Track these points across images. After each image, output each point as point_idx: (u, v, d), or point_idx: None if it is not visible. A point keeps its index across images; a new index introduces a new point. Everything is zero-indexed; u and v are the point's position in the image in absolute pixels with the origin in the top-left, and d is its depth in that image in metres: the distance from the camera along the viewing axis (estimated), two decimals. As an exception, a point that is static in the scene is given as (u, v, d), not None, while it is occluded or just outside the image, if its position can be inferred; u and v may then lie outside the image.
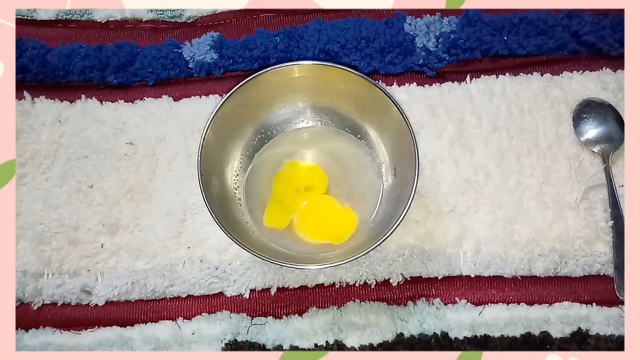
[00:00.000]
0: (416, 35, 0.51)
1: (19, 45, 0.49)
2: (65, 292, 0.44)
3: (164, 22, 0.53)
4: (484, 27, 0.50)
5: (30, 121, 0.49)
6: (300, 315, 0.44)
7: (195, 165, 0.39)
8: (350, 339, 0.42)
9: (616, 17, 0.50)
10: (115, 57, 0.50)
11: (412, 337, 0.42)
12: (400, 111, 0.40)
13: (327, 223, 0.44)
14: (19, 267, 0.44)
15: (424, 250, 0.44)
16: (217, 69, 0.50)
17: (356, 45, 0.50)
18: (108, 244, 0.45)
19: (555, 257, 0.44)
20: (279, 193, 0.45)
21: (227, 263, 0.45)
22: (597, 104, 0.48)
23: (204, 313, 0.44)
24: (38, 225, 0.45)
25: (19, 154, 0.47)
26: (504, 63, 0.51)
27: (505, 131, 0.48)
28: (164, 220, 0.46)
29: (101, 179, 0.47)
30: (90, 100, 0.50)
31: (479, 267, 0.44)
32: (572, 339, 0.42)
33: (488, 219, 0.45)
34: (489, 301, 0.44)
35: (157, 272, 0.44)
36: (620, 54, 0.50)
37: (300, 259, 0.42)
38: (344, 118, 0.46)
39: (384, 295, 0.44)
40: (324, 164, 0.46)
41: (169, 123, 0.49)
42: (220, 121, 0.41)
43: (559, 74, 0.50)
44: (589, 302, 0.43)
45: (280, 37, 0.50)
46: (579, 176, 0.46)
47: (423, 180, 0.46)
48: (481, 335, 0.42)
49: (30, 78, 0.50)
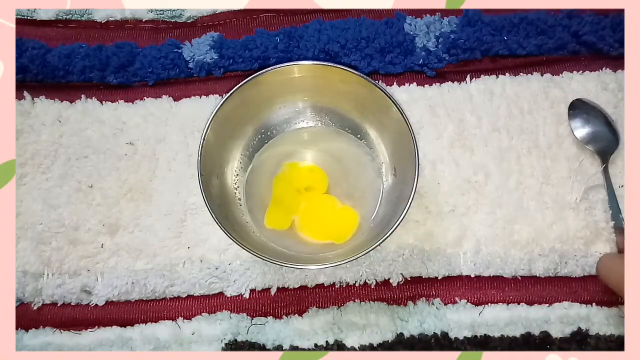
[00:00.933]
0: (416, 35, 0.51)
1: (19, 45, 0.49)
2: (65, 292, 0.44)
3: (164, 22, 0.53)
4: (484, 27, 0.50)
5: (30, 121, 0.49)
6: (300, 315, 0.44)
7: (195, 165, 0.39)
8: (350, 339, 0.42)
9: (616, 17, 0.50)
10: (115, 57, 0.50)
11: (412, 337, 0.42)
12: (400, 111, 0.40)
13: (329, 223, 0.44)
14: (19, 267, 0.44)
15: (424, 250, 0.44)
16: (217, 69, 0.50)
17: (356, 45, 0.50)
18: (108, 244, 0.45)
19: (555, 257, 0.44)
20: (280, 194, 0.45)
21: (227, 263, 0.45)
22: (585, 104, 0.48)
23: (204, 313, 0.44)
24: (38, 225, 0.45)
25: (19, 154, 0.47)
26: (504, 63, 0.51)
27: (505, 131, 0.48)
28: (164, 220, 0.46)
29: (101, 179, 0.47)
30: (90, 100, 0.50)
31: (479, 267, 0.44)
32: (572, 339, 0.42)
33: (488, 219, 0.45)
34: (489, 301, 0.44)
35: (157, 272, 0.44)
36: (620, 54, 0.50)
37: (300, 259, 0.42)
38: (344, 118, 0.46)
39: (384, 295, 0.44)
40: (324, 164, 0.46)
41: (169, 123, 0.49)
42: (220, 121, 0.41)
43: (559, 74, 0.50)
44: (589, 302, 0.43)
45: (280, 37, 0.50)
46: (579, 176, 0.46)
47: (423, 180, 0.46)
48: (481, 335, 0.42)
49: (30, 78, 0.50)
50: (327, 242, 0.43)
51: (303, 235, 0.44)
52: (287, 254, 0.42)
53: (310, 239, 0.44)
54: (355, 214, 0.44)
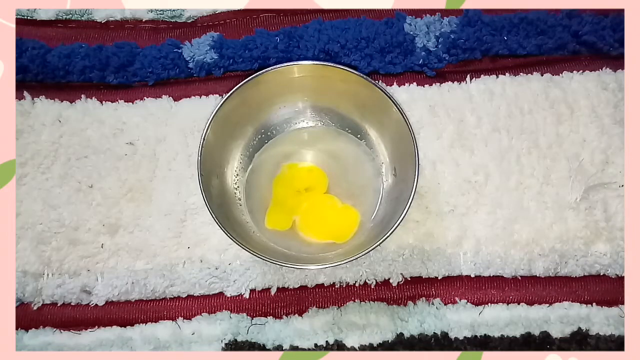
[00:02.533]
0: (416, 35, 0.51)
1: (19, 45, 0.49)
2: (65, 292, 0.44)
3: (164, 22, 0.53)
4: (484, 27, 0.50)
5: (30, 121, 0.49)
6: (300, 315, 0.44)
7: (195, 165, 0.39)
8: (350, 339, 0.42)
9: (616, 17, 0.50)
10: (115, 57, 0.50)
11: (412, 337, 0.42)
12: (400, 111, 0.40)
13: (330, 222, 0.44)
14: (19, 267, 0.44)
15: (424, 250, 0.44)
16: (217, 69, 0.50)
17: (356, 45, 0.50)
18: (108, 244, 0.45)
19: (555, 257, 0.44)
20: (280, 195, 0.45)
21: (227, 263, 0.45)
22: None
23: (204, 313, 0.44)
24: (38, 225, 0.45)
25: (19, 154, 0.47)
26: (504, 63, 0.51)
27: (505, 131, 0.48)
28: (164, 220, 0.46)
29: (101, 179, 0.47)
30: (90, 100, 0.50)
31: (479, 267, 0.44)
32: (572, 339, 0.42)
33: (488, 219, 0.45)
34: (489, 301, 0.44)
35: (157, 272, 0.44)
36: (620, 54, 0.50)
37: (300, 259, 0.42)
38: (344, 118, 0.46)
39: (384, 295, 0.44)
40: (324, 164, 0.46)
41: (169, 123, 0.49)
42: (220, 121, 0.41)
43: (559, 74, 0.50)
44: (589, 302, 0.43)
45: (280, 37, 0.50)
46: (579, 176, 0.46)
47: (423, 180, 0.46)
48: (481, 335, 0.42)
49: (30, 78, 0.50)
50: (328, 241, 0.43)
51: (304, 236, 0.44)
52: (287, 254, 0.42)
53: (311, 239, 0.44)
54: (356, 212, 0.44)
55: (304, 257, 0.42)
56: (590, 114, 0.48)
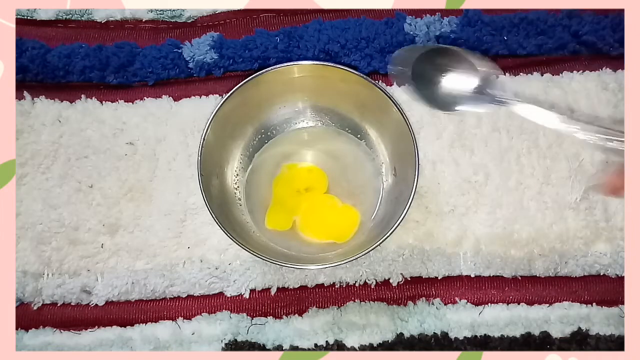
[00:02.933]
0: (416, 35, 0.51)
1: (19, 45, 0.49)
2: (65, 292, 0.44)
3: (164, 22, 0.53)
4: (484, 27, 0.50)
5: (30, 121, 0.49)
6: (300, 315, 0.44)
7: (195, 165, 0.39)
8: (350, 339, 0.42)
9: (616, 17, 0.50)
10: (115, 57, 0.50)
11: (412, 337, 0.42)
12: (400, 111, 0.40)
13: (330, 222, 0.44)
14: (19, 267, 0.44)
15: (424, 250, 0.44)
16: (217, 69, 0.50)
17: (356, 45, 0.50)
18: (108, 244, 0.45)
19: (555, 257, 0.44)
20: (280, 196, 0.45)
21: (227, 263, 0.45)
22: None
23: (204, 313, 0.44)
24: (38, 225, 0.45)
25: (19, 154, 0.47)
26: (504, 63, 0.51)
27: (505, 131, 0.48)
28: (164, 220, 0.46)
29: (101, 179, 0.47)
30: (90, 100, 0.50)
31: (479, 267, 0.44)
32: (572, 339, 0.42)
33: (488, 219, 0.45)
34: (489, 301, 0.44)
35: (157, 272, 0.44)
36: (620, 54, 0.50)
37: (300, 259, 0.42)
38: (344, 118, 0.46)
39: (384, 295, 0.44)
40: (323, 164, 0.46)
41: (169, 123, 0.49)
42: (220, 121, 0.41)
43: (559, 74, 0.50)
44: (589, 302, 0.43)
45: (280, 37, 0.50)
46: (579, 176, 0.46)
47: (423, 180, 0.46)
48: (481, 335, 0.42)
49: (30, 78, 0.50)
50: (328, 241, 0.43)
51: (304, 236, 0.44)
52: (287, 254, 0.42)
53: (311, 239, 0.44)
54: (356, 212, 0.44)
55: (304, 257, 0.42)
56: (590, 114, 0.48)
